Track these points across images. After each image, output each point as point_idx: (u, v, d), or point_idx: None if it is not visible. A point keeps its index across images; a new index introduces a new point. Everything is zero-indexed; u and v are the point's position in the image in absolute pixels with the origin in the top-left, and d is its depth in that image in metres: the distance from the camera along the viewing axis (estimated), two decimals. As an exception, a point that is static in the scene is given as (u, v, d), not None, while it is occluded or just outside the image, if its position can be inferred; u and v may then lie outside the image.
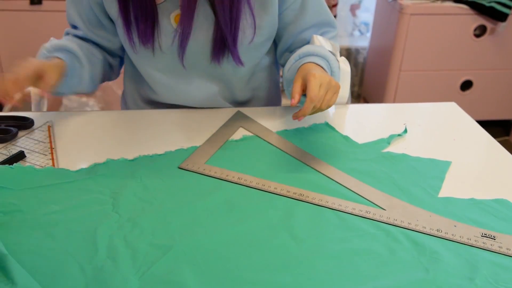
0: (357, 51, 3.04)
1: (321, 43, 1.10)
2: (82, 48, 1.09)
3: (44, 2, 2.34)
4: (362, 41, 3.08)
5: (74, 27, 1.13)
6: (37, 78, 0.93)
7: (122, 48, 1.19)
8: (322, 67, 1.00)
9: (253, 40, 1.07)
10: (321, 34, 1.15)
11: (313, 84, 0.89)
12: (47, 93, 1.01)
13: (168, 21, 1.05)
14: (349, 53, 3.04)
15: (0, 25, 2.38)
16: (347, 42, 3.04)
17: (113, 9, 1.06)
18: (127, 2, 1.02)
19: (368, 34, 3.07)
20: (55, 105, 2.40)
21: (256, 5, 1.05)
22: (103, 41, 1.14)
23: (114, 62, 1.20)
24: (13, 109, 1.03)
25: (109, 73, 1.21)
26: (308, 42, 1.15)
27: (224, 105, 1.19)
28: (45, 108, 1.95)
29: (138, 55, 1.10)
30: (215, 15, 1.02)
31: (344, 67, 1.13)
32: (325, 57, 1.04)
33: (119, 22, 1.06)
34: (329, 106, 0.93)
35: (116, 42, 1.15)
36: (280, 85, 1.42)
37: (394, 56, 2.58)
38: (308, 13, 1.13)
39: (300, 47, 1.14)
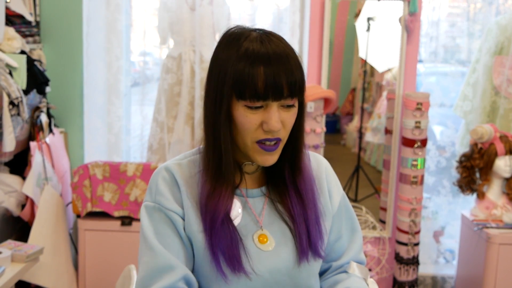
0: (444, 279, 2.88)
1: (356, 271, 1.14)
2: None
3: (133, 223, 2.49)
4: (448, 269, 2.92)
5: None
6: None
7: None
8: None
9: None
10: (353, 241, 1.18)
11: None
12: None
13: (252, 242, 1.05)
14: (434, 282, 2.88)
15: (91, 243, 2.51)
16: (431, 270, 2.90)
17: (199, 243, 1.04)
18: (211, 232, 1.02)
19: (454, 262, 2.93)
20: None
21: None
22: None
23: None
24: None
25: None
26: (342, 252, 1.17)
27: None
28: None
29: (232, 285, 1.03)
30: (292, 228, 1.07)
31: None
32: None
33: (206, 255, 1.03)
34: None
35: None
36: None
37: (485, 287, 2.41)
38: (344, 218, 1.17)
39: (335, 259, 1.16)
